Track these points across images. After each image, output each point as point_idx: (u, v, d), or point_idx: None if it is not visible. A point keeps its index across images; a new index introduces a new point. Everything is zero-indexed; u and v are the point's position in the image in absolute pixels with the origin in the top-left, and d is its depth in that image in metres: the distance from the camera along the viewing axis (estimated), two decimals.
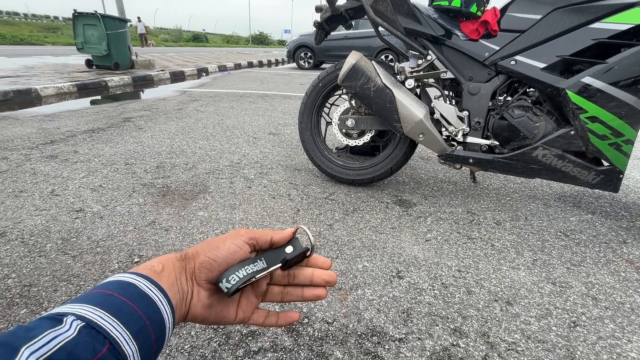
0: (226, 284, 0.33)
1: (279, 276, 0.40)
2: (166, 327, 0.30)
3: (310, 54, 9.16)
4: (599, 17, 1.21)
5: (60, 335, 0.22)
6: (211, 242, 0.35)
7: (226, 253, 0.34)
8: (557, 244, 1.35)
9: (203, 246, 0.35)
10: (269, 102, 4.09)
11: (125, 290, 0.28)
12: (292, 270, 0.40)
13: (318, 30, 1.78)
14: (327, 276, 0.40)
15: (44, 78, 5.06)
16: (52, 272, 1.09)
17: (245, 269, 0.35)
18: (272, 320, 0.40)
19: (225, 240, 0.35)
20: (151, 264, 0.33)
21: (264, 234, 0.37)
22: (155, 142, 2.45)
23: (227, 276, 0.34)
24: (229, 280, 0.33)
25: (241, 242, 0.35)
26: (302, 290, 0.40)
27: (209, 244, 0.35)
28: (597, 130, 1.23)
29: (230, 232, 0.37)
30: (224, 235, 0.36)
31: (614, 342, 0.90)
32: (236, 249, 0.35)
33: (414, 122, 1.45)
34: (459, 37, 1.44)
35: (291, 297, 0.41)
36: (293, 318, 0.40)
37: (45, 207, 1.49)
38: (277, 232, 0.38)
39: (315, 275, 0.40)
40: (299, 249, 0.38)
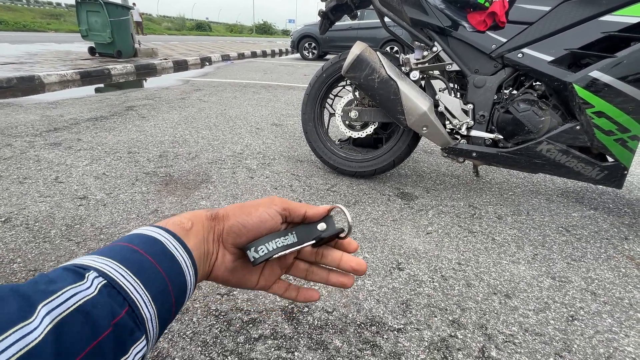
0: (254, 254, 0.32)
1: (306, 253, 0.39)
2: (188, 289, 0.29)
3: (315, 45, 9.06)
4: (610, 9, 1.18)
5: (80, 292, 0.21)
6: (243, 207, 0.34)
7: (257, 220, 0.32)
8: (558, 239, 1.35)
9: (234, 209, 0.33)
10: (272, 93, 4.07)
11: (151, 247, 0.27)
12: (321, 249, 0.38)
13: (323, 19, 1.75)
14: (355, 263, 0.37)
15: (47, 65, 5.04)
16: (56, 258, 1.11)
17: (275, 241, 0.33)
18: (291, 293, 0.38)
19: (258, 206, 0.33)
20: (180, 219, 0.31)
21: (298, 207, 0.35)
22: (158, 131, 2.45)
23: (257, 246, 0.33)
24: (257, 250, 0.32)
25: (274, 212, 0.33)
26: (327, 273, 0.38)
27: (241, 209, 0.33)
28: (603, 125, 1.22)
29: (264, 199, 0.35)
30: (257, 201, 0.34)
31: (611, 336, 0.91)
32: (267, 217, 0.33)
33: (417, 114, 1.44)
34: (465, 29, 1.42)
35: (315, 277, 0.39)
36: (313, 297, 0.39)
37: (50, 194, 1.51)
38: (311, 207, 0.35)
39: (344, 260, 0.37)
40: (332, 229, 0.35)
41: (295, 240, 0.34)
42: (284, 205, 0.34)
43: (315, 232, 0.35)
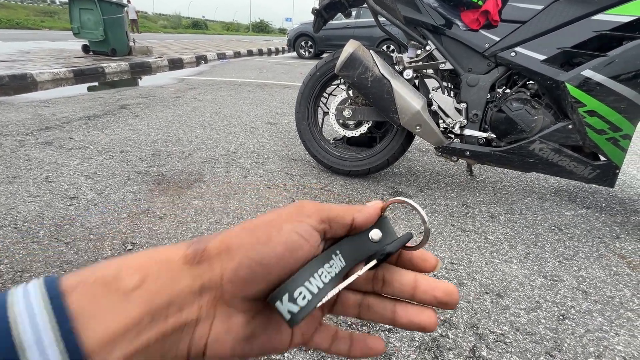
0: (289, 306, 0.19)
1: (359, 278, 0.24)
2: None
3: (311, 43, 9.04)
4: (602, 8, 1.19)
5: None
6: (256, 229, 0.20)
7: (282, 250, 0.20)
8: (550, 238, 1.35)
9: (240, 236, 0.20)
10: (267, 92, 4.05)
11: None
12: (380, 270, 0.24)
13: (316, 17, 1.74)
14: (442, 292, 0.23)
15: (40, 63, 4.99)
16: (44, 259, 1.09)
17: (319, 275, 0.21)
18: (341, 347, 0.24)
19: (279, 224, 0.21)
20: (117, 270, 0.18)
21: (342, 213, 0.23)
22: (152, 130, 2.43)
23: (291, 291, 0.20)
24: (294, 298, 0.19)
25: (307, 229, 0.21)
26: (393, 306, 0.24)
27: (251, 233, 0.20)
28: (595, 124, 1.22)
29: (287, 209, 0.22)
30: (277, 214, 0.21)
31: (601, 335, 0.91)
32: (299, 241, 0.20)
33: (411, 113, 1.43)
34: (459, 27, 1.42)
35: (375, 316, 0.24)
36: (375, 349, 0.24)
37: (39, 194, 1.49)
38: (357, 209, 0.23)
39: (421, 286, 0.23)
40: (393, 236, 0.24)
41: (344, 265, 0.22)
42: (321, 215, 0.22)
43: (369, 247, 0.23)
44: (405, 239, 0.23)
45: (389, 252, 0.22)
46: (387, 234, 0.24)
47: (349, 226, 0.23)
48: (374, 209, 0.24)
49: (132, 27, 21.82)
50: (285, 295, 0.19)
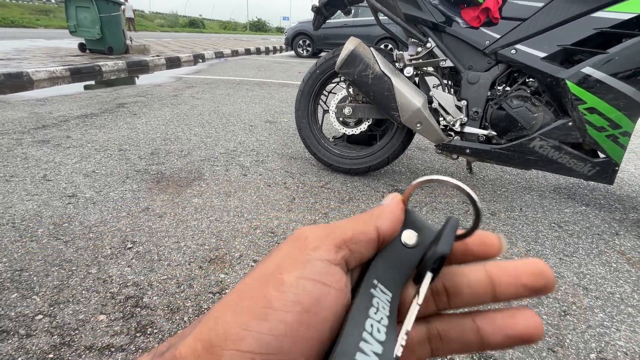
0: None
1: (408, 297, 0.18)
2: None
3: (309, 42, 9.01)
4: (602, 5, 1.19)
5: None
6: (244, 300, 0.14)
7: (295, 316, 0.14)
8: (550, 235, 1.36)
9: (224, 319, 0.14)
10: (266, 90, 4.04)
11: None
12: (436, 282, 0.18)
13: (316, 15, 1.74)
14: (530, 274, 0.17)
15: (36, 61, 4.94)
16: (43, 257, 1.08)
17: (372, 332, 0.15)
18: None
19: (280, 280, 0.14)
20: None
21: (361, 227, 0.17)
22: (150, 128, 2.41)
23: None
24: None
25: (322, 268, 0.15)
26: (473, 322, 0.17)
27: (239, 308, 0.14)
28: (595, 121, 1.22)
29: (285, 248, 0.16)
30: (272, 266, 0.15)
31: (602, 330, 0.91)
32: (316, 290, 0.14)
33: (411, 111, 1.43)
34: (459, 25, 1.41)
35: (455, 346, 0.18)
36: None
37: (37, 192, 1.47)
38: (376, 214, 0.17)
39: (499, 277, 0.17)
40: (432, 232, 0.18)
41: (391, 296, 0.16)
42: (334, 240, 0.16)
43: (410, 257, 0.18)
44: (452, 227, 0.17)
45: (443, 254, 0.16)
46: (423, 232, 0.18)
47: (376, 241, 0.17)
48: (396, 206, 0.18)
49: (129, 25, 21.63)
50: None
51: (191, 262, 1.10)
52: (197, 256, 1.13)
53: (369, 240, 0.16)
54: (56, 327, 0.85)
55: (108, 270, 1.05)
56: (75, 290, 0.96)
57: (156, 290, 0.98)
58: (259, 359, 0.13)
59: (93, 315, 0.88)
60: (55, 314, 0.88)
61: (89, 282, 0.99)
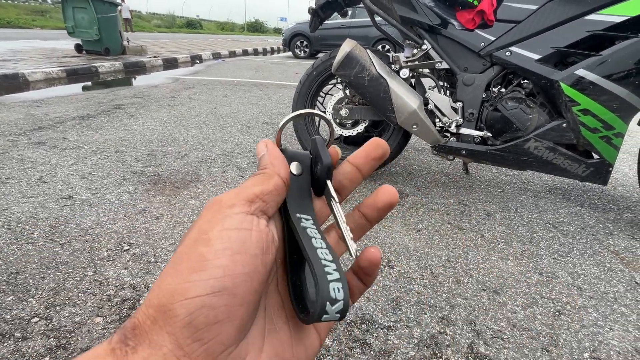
0: (336, 307, 0.17)
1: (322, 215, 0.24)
2: None
3: (307, 43, 9.02)
4: (595, 8, 1.20)
5: None
6: (180, 261, 0.16)
7: (228, 259, 0.15)
8: (545, 235, 1.37)
9: (167, 280, 0.15)
10: (263, 91, 4.04)
11: None
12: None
13: (313, 17, 1.74)
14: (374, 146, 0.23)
15: (32, 62, 4.92)
16: (39, 260, 1.08)
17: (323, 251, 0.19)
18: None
19: (207, 238, 0.16)
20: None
21: (265, 179, 0.19)
22: (147, 129, 2.41)
23: (326, 294, 0.17)
24: (333, 297, 0.17)
25: (239, 219, 0.17)
26: (357, 211, 0.24)
27: (177, 268, 0.15)
28: (589, 123, 1.23)
29: (203, 216, 0.17)
30: (195, 231, 0.17)
31: (596, 330, 0.92)
32: (239, 235, 0.16)
33: (407, 112, 1.44)
34: (454, 27, 1.43)
35: (356, 234, 0.23)
36: (373, 258, 0.21)
37: (33, 194, 1.47)
38: (265, 164, 0.21)
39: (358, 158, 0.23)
40: (307, 156, 0.23)
41: (313, 220, 0.21)
42: (245, 196, 0.18)
43: (305, 182, 0.22)
44: (321, 144, 0.22)
45: (328, 164, 0.21)
46: (301, 159, 0.22)
47: (284, 185, 0.20)
48: (277, 151, 0.21)
49: (126, 26, 21.53)
50: (327, 303, 0.17)
51: None
52: None
53: (278, 188, 0.20)
54: (52, 329, 0.84)
55: (104, 272, 1.04)
56: (72, 293, 0.96)
57: None
58: (208, 300, 0.14)
59: (89, 318, 0.88)
60: (52, 317, 0.88)
61: (85, 284, 0.99)
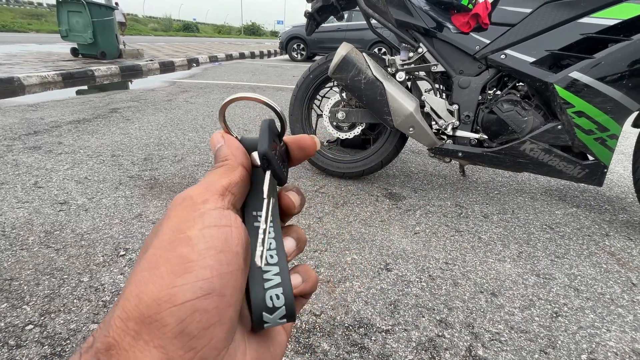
0: (277, 313, 0.17)
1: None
2: None
3: (303, 46, 9.05)
4: (588, 11, 1.22)
5: None
6: (159, 264, 0.14)
7: (213, 259, 0.15)
8: (542, 237, 1.37)
9: (148, 287, 0.14)
10: (260, 94, 4.04)
11: None
12: None
13: (309, 20, 1.75)
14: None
15: (27, 66, 4.89)
16: (34, 266, 1.07)
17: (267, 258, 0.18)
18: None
19: (186, 238, 0.15)
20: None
21: (230, 169, 0.19)
22: (143, 133, 2.40)
23: (260, 304, 0.17)
24: (270, 306, 0.17)
25: (218, 215, 0.16)
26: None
27: (156, 272, 0.14)
28: (584, 125, 1.24)
29: (175, 212, 0.16)
30: (170, 229, 0.16)
31: (593, 331, 0.93)
32: (220, 233, 0.16)
33: (404, 115, 1.45)
34: (450, 30, 1.43)
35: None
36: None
37: (28, 200, 1.45)
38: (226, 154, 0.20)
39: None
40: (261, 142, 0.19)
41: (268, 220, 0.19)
42: (216, 189, 0.17)
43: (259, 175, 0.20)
44: (264, 129, 0.20)
45: (263, 151, 0.18)
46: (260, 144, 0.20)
47: (248, 177, 0.19)
48: (234, 140, 0.20)
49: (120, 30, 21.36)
50: (262, 313, 0.17)
51: None
52: None
53: (244, 179, 0.19)
54: (47, 337, 0.83)
55: (100, 278, 1.04)
56: (67, 299, 0.95)
57: None
58: (199, 304, 0.14)
59: (85, 325, 0.87)
60: (46, 324, 0.87)
61: (80, 290, 0.98)
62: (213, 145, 0.21)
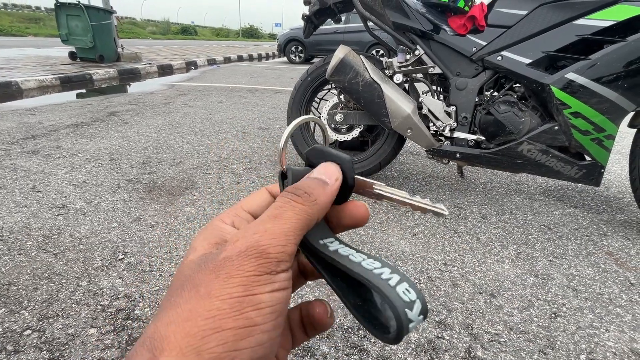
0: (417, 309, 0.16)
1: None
2: None
3: (301, 48, 9.07)
4: (583, 13, 1.22)
5: None
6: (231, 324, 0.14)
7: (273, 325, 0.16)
8: (540, 237, 1.38)
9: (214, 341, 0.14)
10: (258, 97, 4.04)
11: None
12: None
13: (306, 23, 1.76)
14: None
15: (25, 70, 4.89)
16: (32, 270, 1.07)
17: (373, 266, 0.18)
18: None
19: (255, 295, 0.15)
20: None
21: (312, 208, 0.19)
22: (142, 137, 2.40)
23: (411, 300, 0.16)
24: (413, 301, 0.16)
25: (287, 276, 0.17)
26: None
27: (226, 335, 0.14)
28: (580, 125, 1.25)
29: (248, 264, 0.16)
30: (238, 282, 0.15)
31: (592, 331, 0.93)
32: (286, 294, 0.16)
33: (402, 117, 1.45)
34: (446, 32, 1.44)
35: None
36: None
37: (26, 204, 1.45)
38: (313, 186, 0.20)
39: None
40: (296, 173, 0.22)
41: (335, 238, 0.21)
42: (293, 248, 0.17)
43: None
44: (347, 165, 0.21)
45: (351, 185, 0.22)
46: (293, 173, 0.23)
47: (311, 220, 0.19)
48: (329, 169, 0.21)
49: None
50: (405, 311, 0.16)
51: None
52: None
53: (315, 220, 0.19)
54: (45, 342, 0.83)
55: (99, 282, 1.03)
56: (65, 304, 0.95)
57: (148, 301, 0.97)
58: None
59: (83, 329, 0.87)
60: (44, 329, 0.87)
61: (79, 295, 0.98)
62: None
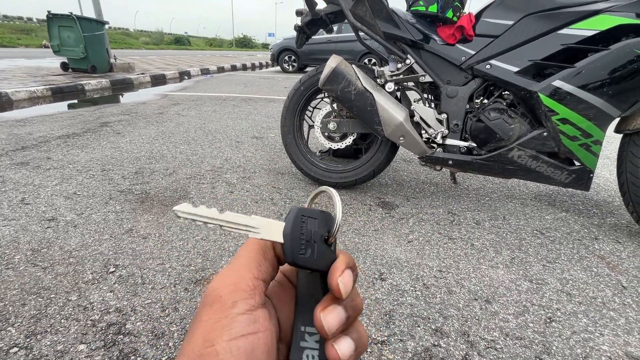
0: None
1: None
2: None
3: (294, 58, 9.16)
4: (567, 23, 1.26)
5: None
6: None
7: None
8: (533, 242, 1.39)
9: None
10: (252, 106, 4.06)
11: None
12: None
13: (299, 34, 1.78)
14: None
15: (16, 81, 4.85)
16: (20, 285, 1.04)
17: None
18: None
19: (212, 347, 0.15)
20: None
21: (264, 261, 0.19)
22: (134, 147, 2.38)
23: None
24: None
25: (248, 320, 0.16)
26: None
27: None
28: (568, 131, 1.28)
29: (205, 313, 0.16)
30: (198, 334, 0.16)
31: (587, 336, 0.93)
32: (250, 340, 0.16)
33: (394, 125, 1.47)
34: (436, 42, 1.47)
35: None
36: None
37: (15, 217, 1.42)
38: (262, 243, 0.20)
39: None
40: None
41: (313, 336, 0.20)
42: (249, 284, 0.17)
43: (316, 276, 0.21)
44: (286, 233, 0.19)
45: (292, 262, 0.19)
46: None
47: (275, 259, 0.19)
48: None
49: None
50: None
51: (176, 284, 1.07)
52: (182, 278, 1.10)
53: (272, 265, 0.19)
54: (33, 359, 0.81)
55: (89, 296, 1.01)
56: (54, 320, 0.92)
57: (140, 315, 0.95)
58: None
59: (72, 346, 0.85)
60: (32, 346, 0.84)
61: (68, 310, 0.96)
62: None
